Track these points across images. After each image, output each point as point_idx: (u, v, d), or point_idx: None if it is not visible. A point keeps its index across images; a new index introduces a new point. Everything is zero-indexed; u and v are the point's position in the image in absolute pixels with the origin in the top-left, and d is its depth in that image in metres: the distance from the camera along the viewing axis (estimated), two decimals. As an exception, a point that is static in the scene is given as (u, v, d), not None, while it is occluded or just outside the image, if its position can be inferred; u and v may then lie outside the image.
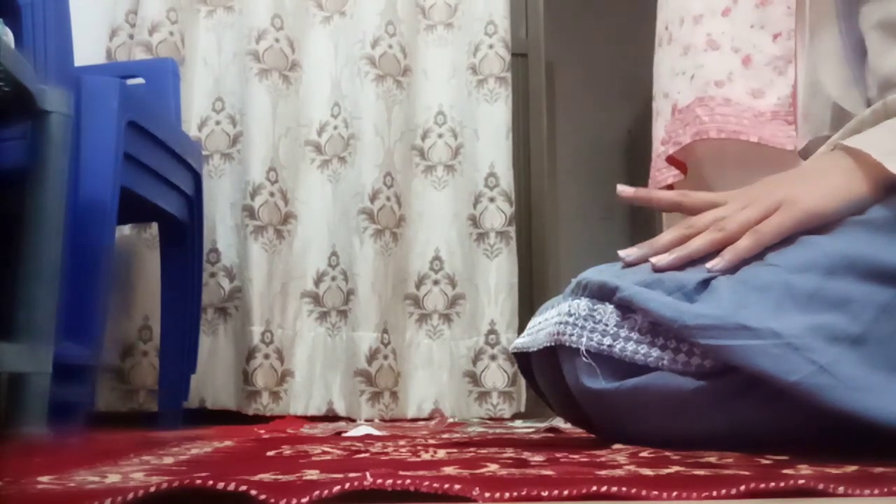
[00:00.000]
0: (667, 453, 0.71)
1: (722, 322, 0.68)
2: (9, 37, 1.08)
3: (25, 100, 1.03)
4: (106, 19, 2.01)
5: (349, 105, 2.04)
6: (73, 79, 1.25)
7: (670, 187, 1.75)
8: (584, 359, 0.77)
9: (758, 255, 0.73)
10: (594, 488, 0.47)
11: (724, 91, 1.52)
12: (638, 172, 3.80)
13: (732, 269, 0.72)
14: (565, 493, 0.47)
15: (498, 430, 1.32)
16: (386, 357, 1.93)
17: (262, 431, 1.31)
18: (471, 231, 2.04)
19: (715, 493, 0.47)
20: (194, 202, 1.71)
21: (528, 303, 2.12)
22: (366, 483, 0.47)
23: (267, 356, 1.89)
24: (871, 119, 0.82)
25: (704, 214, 0.78)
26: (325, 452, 0.79)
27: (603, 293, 0.78)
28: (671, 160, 1.64)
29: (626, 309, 0.76)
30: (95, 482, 0.53)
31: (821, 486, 0.48)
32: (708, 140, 1.52)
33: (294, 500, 0.44)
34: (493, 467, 0.60)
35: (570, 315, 0.79)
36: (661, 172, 1.71)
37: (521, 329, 2.01)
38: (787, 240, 0.74)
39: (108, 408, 1.81)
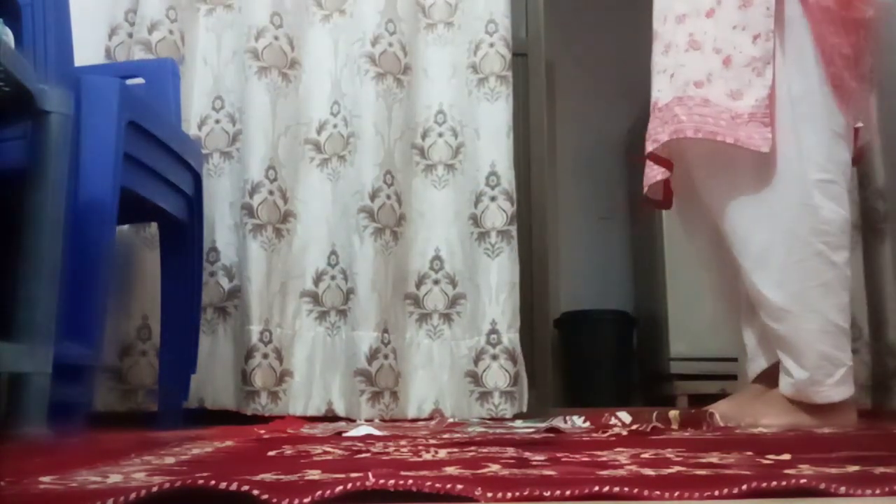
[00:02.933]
0: (668, 454, 0.71)
1: None
2: (9, 37, 1.08)
3: (25, 100, 1.03)
4: (105, 18, 2.01)
5: (349, 103, 2.04)
6: (73, 79, 1.25)
7: (667, 184, 1.75)
8: None
9: None
10: (596, 488, 0.47)
11: (703, 91, 1.53)
12: (638, 172, 3.80)
13: None
14: (567, 493, 0.47)
15: (498, 430, 1.32)
16: (386, 357, 1.92)
17: (263, 431, 1.31)
18: (472, 230, 2.04)
19: (717, 493, 0.47)
20: (194, 202, 1.71)
21: (528, 303, 2.12)
22: (368, 483, 0.47)
23: (266, 356, 1.89)
24: None
25: None
26: (326, 452, 0.79)
27: None
28: (655, 158, 1.65)
29: None
30: (97, 482, 0.53)
31: (822, 486, 0.48)
32: (687, 139, 1.53)
33: (297, 500, 0.44)
34: (494, 467, 0.60)
35: None
36: (652, 169, 1.72)
37: (522, 329, 2.01)
38: None
39: (106, 407, 1.81)
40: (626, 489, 0.47)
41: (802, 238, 1.48)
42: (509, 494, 0.46)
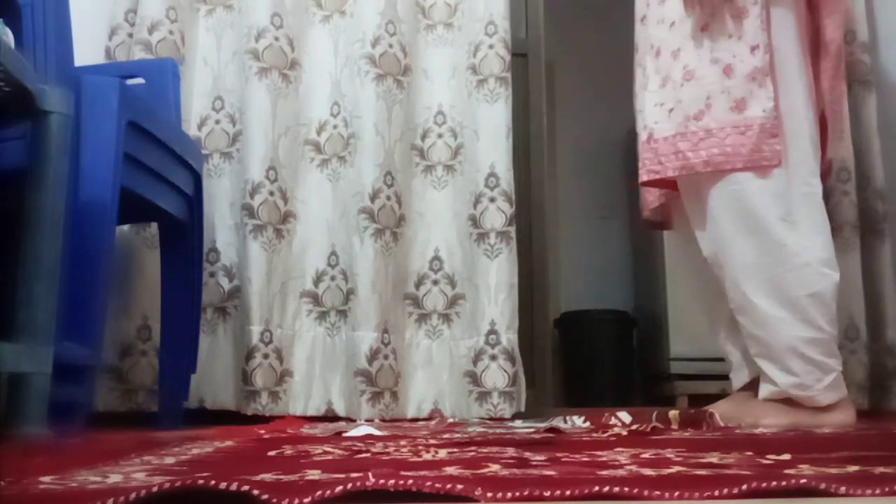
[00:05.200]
0: (668, 454, 0.71)
1: None
2: (9, 37, 1.08)
3: (25, 100, 1.03)
4: (105, 18, 2.01)
5: (349, 104, 2.04)
6: (73, 79, 1.25)
7: (664, 206, 1.80)
8: None
9: None
10: (596, 488, 0.47)
11: (704, 122, 1.54)
12: (638, 172, 3.80)
13: None
14: (567, 493, 0.47)
15: (498, 430, 1.32)
16: (386, 357, 1.93)
17: (263, 431, 1.31)
18: (471, 231, 2.04)
19: (717, 493, 0.47)
20: (194, 202, 1.71)
21: (528, 303, 2.12)
22: (368, 483, 0.47)
23: (266, 356, 1.89)
24: None
25: None
26: (326, 452, 0.79)
27: None
28: (652, 183, 1.68)
29: None
30: (97, 482, 0.53)
31: (822, 486, 0.48)
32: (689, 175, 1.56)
33: (297, 500, 0.44)
34: (494, 467, 0.60)
35: None
36: (651, 194, 1.78)
37: (522, 329, 2.01)
38: None
39: (106, 407, 1.81)
40: (626, 489, 0.47)
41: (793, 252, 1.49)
42: (509, 494, 0.46)
